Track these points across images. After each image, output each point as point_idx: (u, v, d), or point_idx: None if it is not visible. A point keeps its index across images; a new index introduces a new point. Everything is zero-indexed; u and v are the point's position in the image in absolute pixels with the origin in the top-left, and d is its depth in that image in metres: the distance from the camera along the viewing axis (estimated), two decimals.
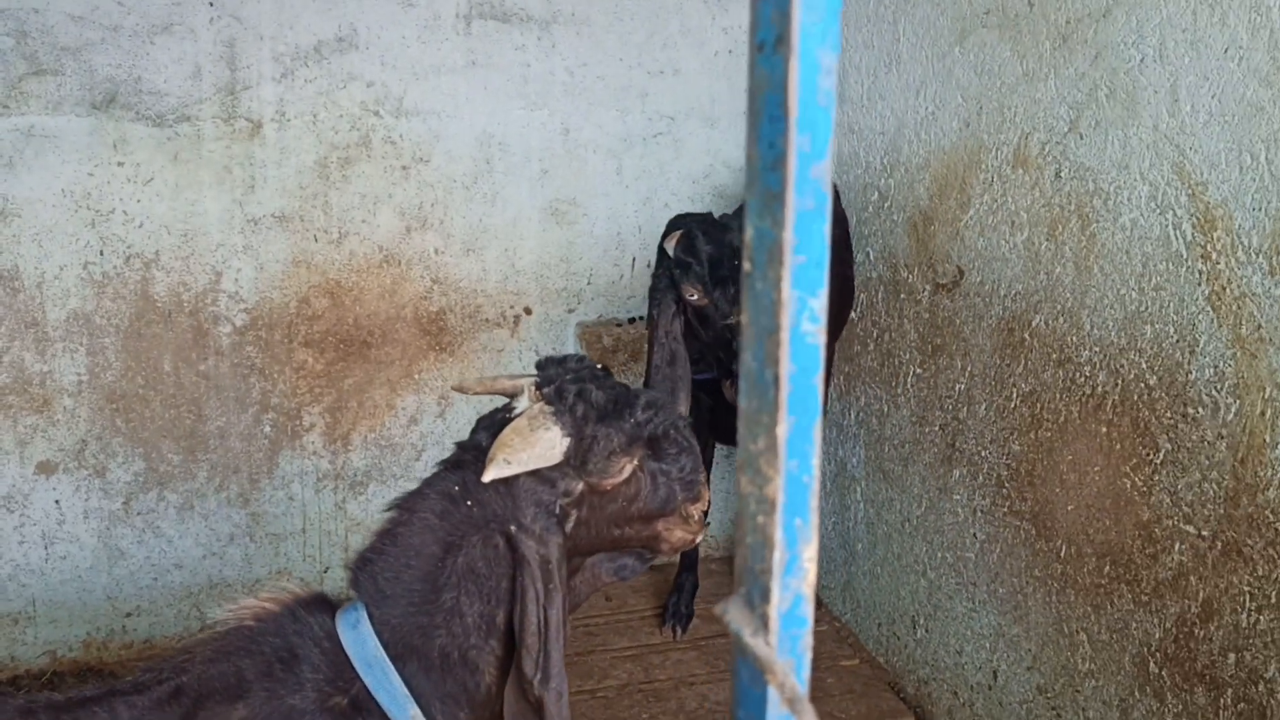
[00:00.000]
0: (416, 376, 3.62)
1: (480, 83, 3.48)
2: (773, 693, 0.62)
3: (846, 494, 3.56)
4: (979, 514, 2.91)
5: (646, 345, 2.95)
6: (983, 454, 2.88)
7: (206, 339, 3.39)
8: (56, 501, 3.34)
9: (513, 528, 1.68)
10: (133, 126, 3.19)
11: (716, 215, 2.96)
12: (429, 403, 3.65)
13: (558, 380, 1.76)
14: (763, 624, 0.60)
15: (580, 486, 1.73)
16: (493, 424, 1.77)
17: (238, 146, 3.29)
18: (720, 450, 3.95)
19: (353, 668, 1.66)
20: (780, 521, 0.59)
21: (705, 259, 2.72)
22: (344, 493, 3.64)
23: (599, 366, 1.84)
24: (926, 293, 3.10)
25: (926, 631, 3.18)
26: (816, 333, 0.61)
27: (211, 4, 3.19)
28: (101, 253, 3.24)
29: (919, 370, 3.16)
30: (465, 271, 3.58)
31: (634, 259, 3.77)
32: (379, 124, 3.41)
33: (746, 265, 0.59)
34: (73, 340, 3.26)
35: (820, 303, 0.61)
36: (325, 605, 1.76)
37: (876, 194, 3.33)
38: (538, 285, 3.68)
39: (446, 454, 3.69)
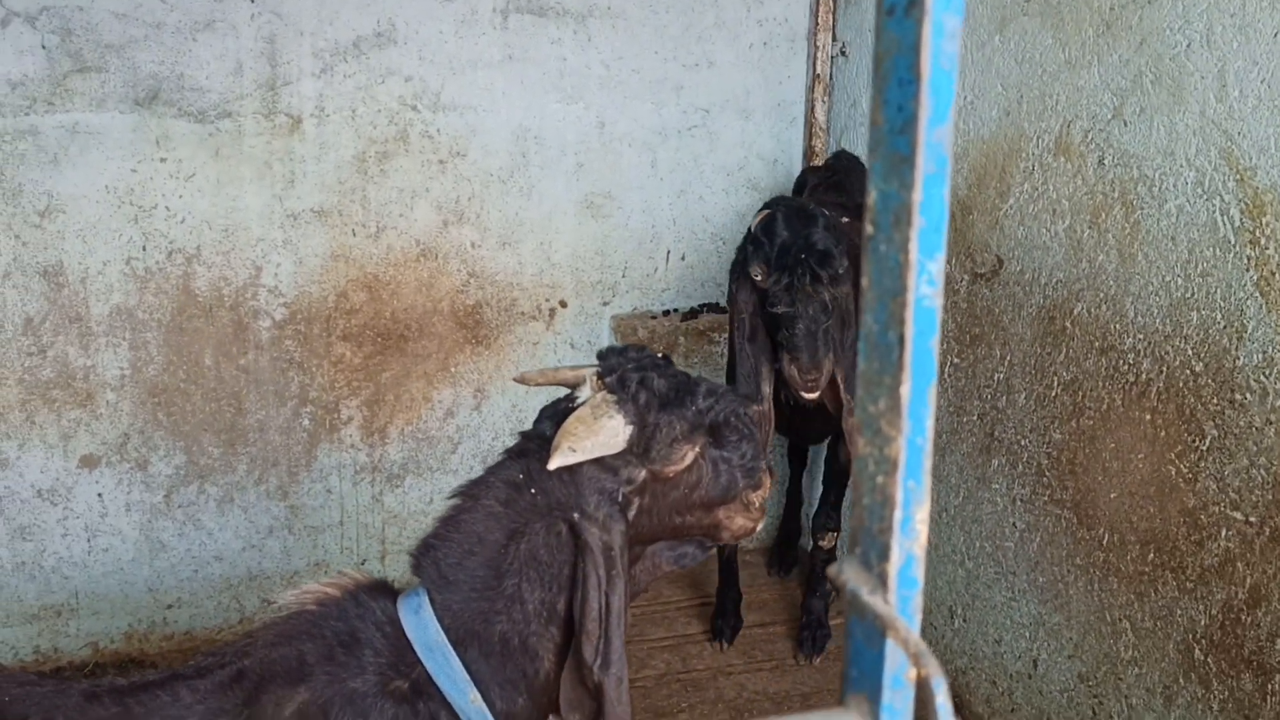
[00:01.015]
0: (453, 370, 3.64)
1: (517, 77, 3.49)
2: (890, 649, 0.63)
3: None
4: (1018, 503, 2.91)
5: (728, 322, 2.88)
6: (1022, 443, 2.88)
7: (246, 333, 3.41)
8: (99, 494, 3.38)
9: (576, 515, 1.70)
10: (175, 123, 3.22)
11: (806, 205, 2.87)
12: (465, 396, 3.67)
13: (619, 369, 1.78)
14: (881, 582, 0.61)
15: (643, 474, 1.74)
16: (556, 413, 1.79)
17: (278, 142, 3.31)
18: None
19: (414, 652, 1.68)
20: (900, 481, 0.60)
21: (777, 243, 2.70)
22: (381, 485, 3.67)
23: (660, 355, 1.85)
24: (965, 282, 3.10)
25: (964, 621, 3.18)
26: (934, 296, 0.62)
27: (253, 0, 3.21)
28: (144, 248, 3.27)
29: (956, 360, 3.15)
30: (501, 265, 3.60)
31: (668, 252, 3.78)
32: (416, 118, 3.43)
33: (869, 229, 0.60)
34: (116, 335, 3.29)
35: (938, 266, 0.62)
36: (387, 591, 1.78)
37: None
38: (573, 278, 3.70)
39: (482, 446, 3.72)
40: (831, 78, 3.71)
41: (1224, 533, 2.27)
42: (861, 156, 3.55)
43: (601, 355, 1.87)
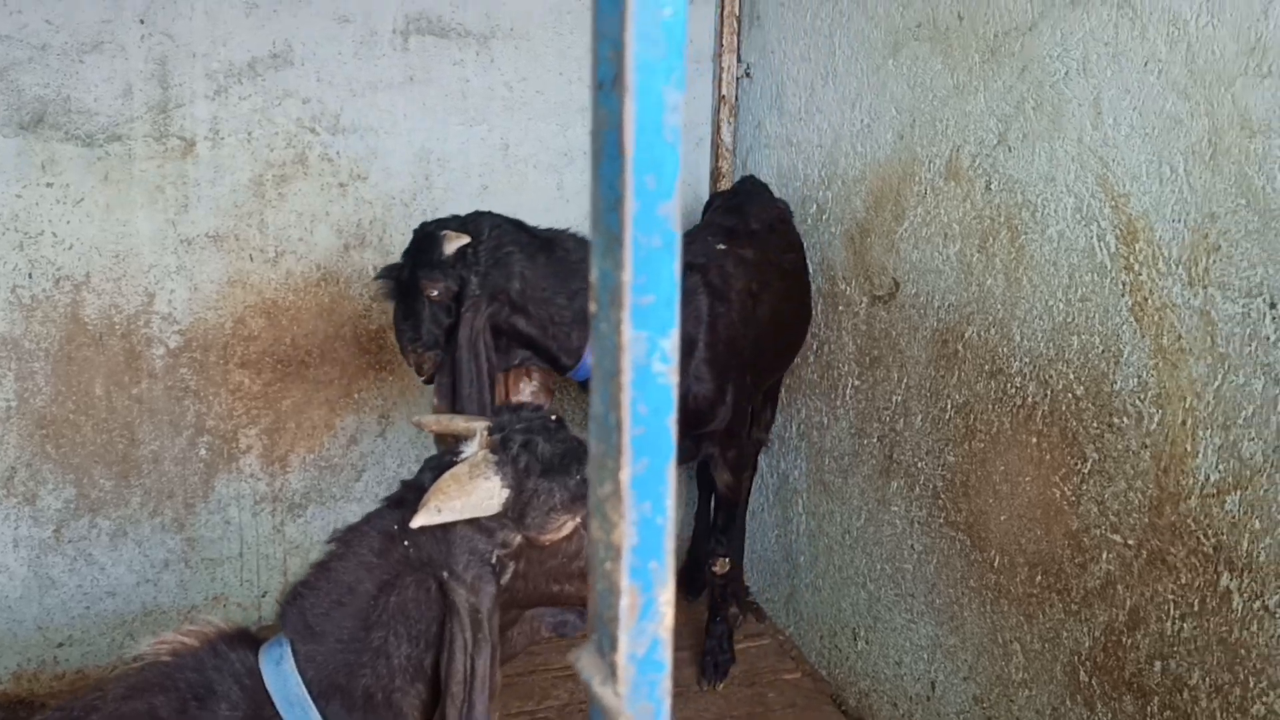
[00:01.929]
0: (356, 396, 3.58)
1: (418, 99, 3.45)
2: None
3: (789, 506, 3.57)
4: (916, 525, 2.92)
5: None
6: (919, 465, 2.90)
7: (139, 362, 3.33)
8: None
9: (445, 574, 1.66)
10: (62, 146, 3.14)
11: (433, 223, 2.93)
12: (369, 422, 3.62)
13: (507, 429, 1.74)
14: (612, 672, 0.59)
15: (518, 539, 1.70)
16: (438, 466, 1.76)
17: (170, 165, 3.24)
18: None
19: (273, 706, 1.63)
20: (627, 569, 0.58)
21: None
22: (282, 515, 3.59)
23: (554, 418, 1.81)
24: (864, 304, 3.11)
25: (867, 643, 3.19)
26: (668, 373, 0.60)
27: (143, 21, 3.14)
28: (30, 275, 3.18)
29: (857, 382, 3.17)
30: None
31: None
32: (315, 141, 3.38)
33: (593, 307, 0.58)
34: (1, 365, 3.19)
35: (671, 342, 0.60)
36: (249, 640, 1.73)
37: (815, 206, 3.34)
38: None
39: (387, 474, 3.66)
40: (737, 99, 3.71)
41: (1105, 555, 2.29)
42: (768, 179, 3.56)
43: (496, 411, 1.84)
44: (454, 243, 2.73)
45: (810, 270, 3.38)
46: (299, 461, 3.57)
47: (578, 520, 1.73)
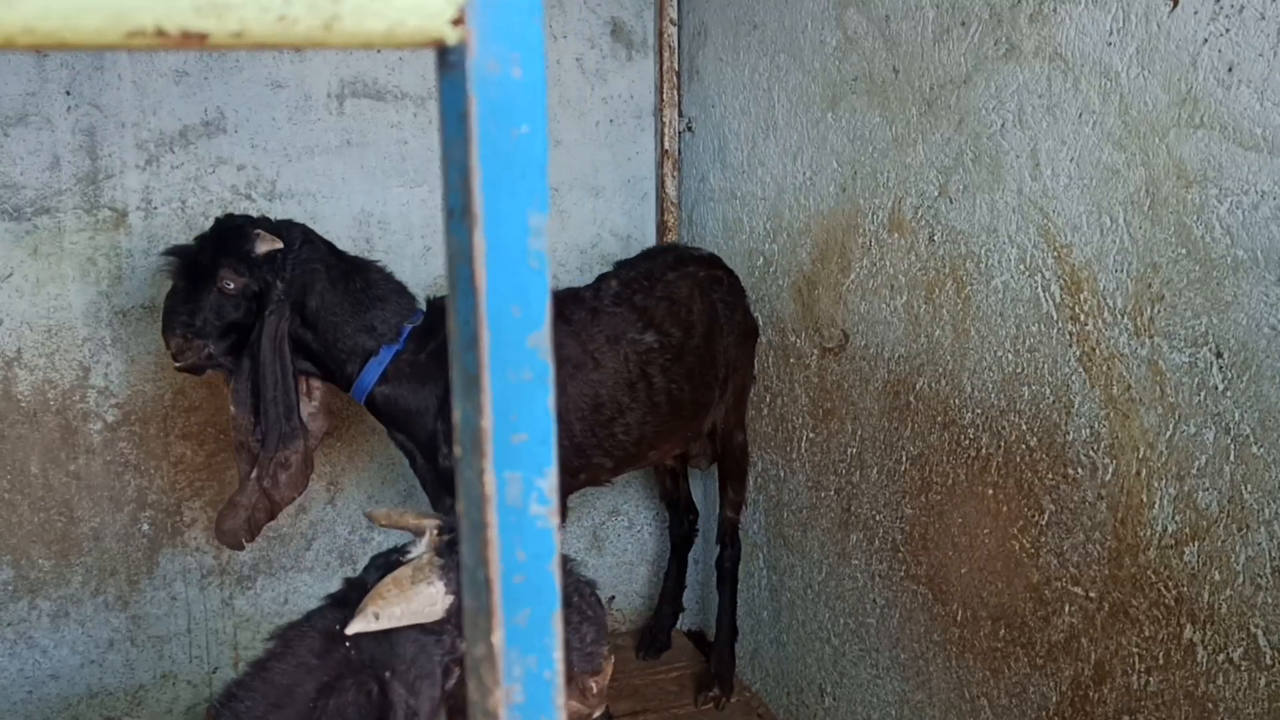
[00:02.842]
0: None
1: (356, 162, 3.40)
2: None
3: (749, 560, 3.51)
4: (877, 579, 2.87)
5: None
6: (877, 518, 2.85)
7: (76, 437, 3.23)
8: None
9: (387, 674, 1.59)
10: None
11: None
12: (317, 490, 3.53)
13: (457, 531, 1.67)
14: None
15: (464, 646, 1.63)
16: (385, 564, 1.69)
17: (102, 237, 3.16)
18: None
19: None
20: None
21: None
22: (231, 588, 3.49)
23: None
24: (815, 356, 3.08)
25: (834, 699, 3.12)
26: (548, 515, 0.55)
27: (69, 93, 3.08)
28: None
29: (812, 434, 3.13)
30: None
31: None
32: (252, 208, 3.31)
33: (457, 450, 0.53)
34: None
35: (549, 482, 0.55)
36: None
37: (761, 259, 3.31)
38: None
39: (338, 541, 3.57)
40: (680, 153, 3.69)
41: (1067, 608, 2.25)
42: (714, 231, 3.53)
43: (448, 510, 1.78)
44: (267, 244, 2.72)
45: (760, 322, 3.34)
46: None
47: None
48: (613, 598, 3.95)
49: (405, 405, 2.86)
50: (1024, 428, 2.33)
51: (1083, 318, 2.15)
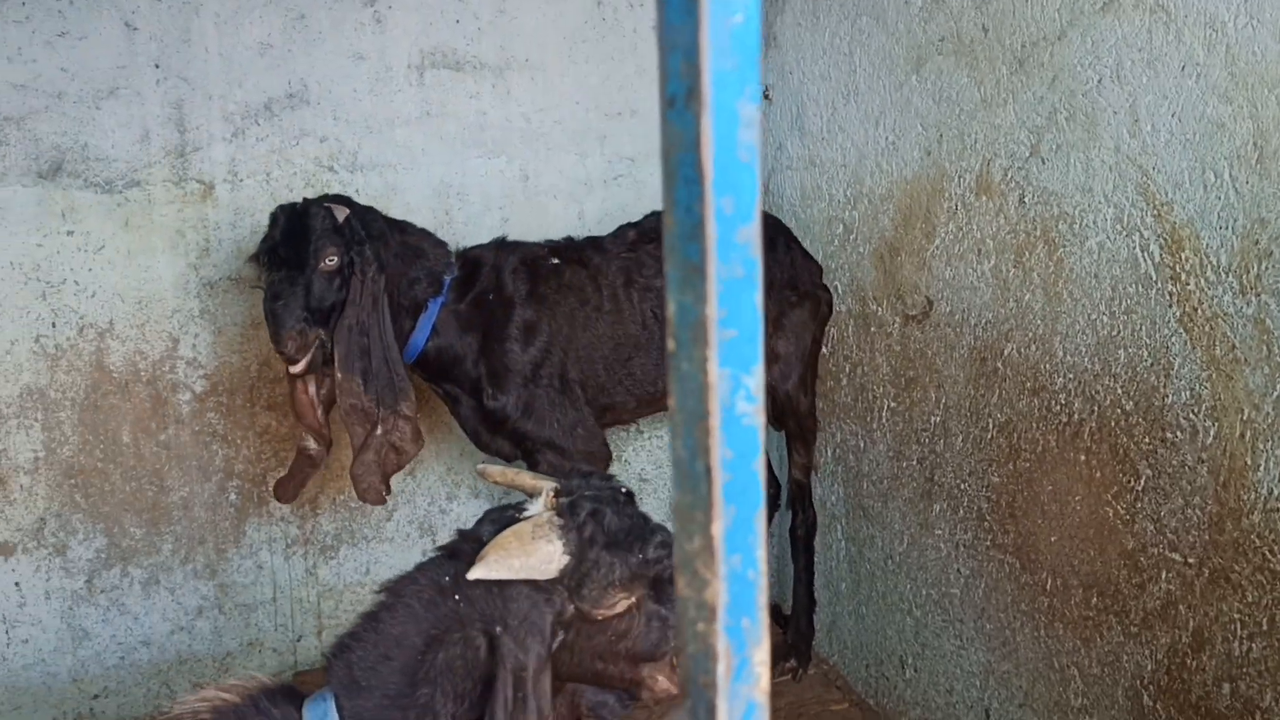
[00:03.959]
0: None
1: (436, 133, 3.43)
2: None
3: (828, 533, 3.49)
4: (962, 548, 2.85)
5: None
6: (962, 487, 2.83)
7: (166, 408, 3.30)
8: (15, 584, 3.23)
9: (498, 629, 1.61)
10: (81, 194, 3.12)
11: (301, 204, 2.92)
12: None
13: (576, 494, 1.69)
14: None
15: (571, 609, 1.64)
16: (500, 519, 1.70)
17: (190, 209, 3.22)
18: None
19: None
20: (723, 628, 0.53)
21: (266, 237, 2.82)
22: (314, 558, 3.55)
23: (624, 490, 1.75)
24: (897, 325, 3.05)
25: (915, 671, 3.10)
26: (754, 413, 0.55)
27: (158, 66, 3.13)
28: (54, 324, 3.16)
29: (893, 404, 3.10)
30: None
31: None
32: (334, 179, 3.35)
33: (670, 344, 0.53)
34: (27, 416, 3.17)
35: (756, 380, 0.55)
36: (292, 695, 1.68)
37: (841, 226, 3.29)
38: None
39: (418, 512, 3.61)
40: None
41: (1164, 575, 2.21)
42: (792, 200, 3.51)
43: (566, 474, 1.79)
44: (341, 212, 2.80)
45: (840, 290, 3.32)
46: (329, 503, 3.52)
47: (634, 599, 1.67)
48: None
49: (454, 353, 2.99)
50: (1119, 392, 2.29)
51: (1184, 277, 2.11)
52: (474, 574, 1.58)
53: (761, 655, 0.57)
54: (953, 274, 2.79)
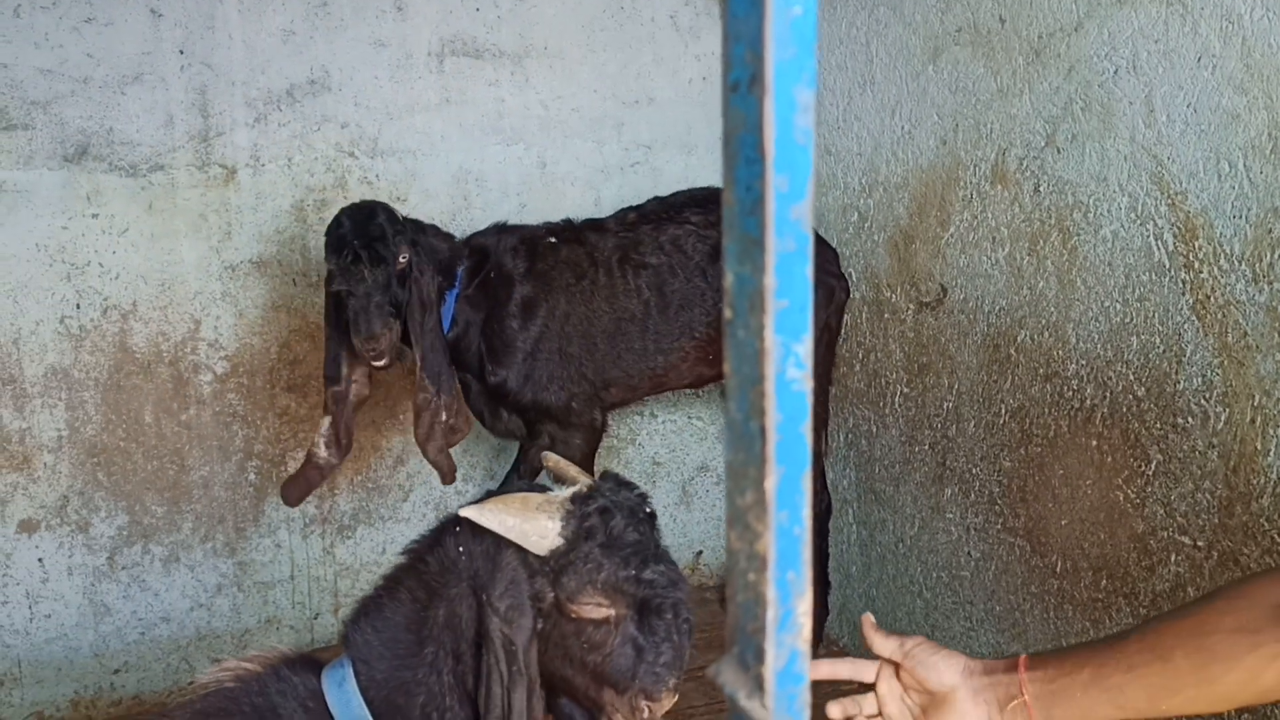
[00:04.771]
0: (401, 417, 3.58)
1: (455, 120, 3.47)
2: None
3: (839, 517, 3.54)
4: (973, 532, 2.89)
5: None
6: (974, 471, 2.87)
7: (187, 388, 3.35)
8: (39, 559, 3.29)
9: (485, 596, 1.60)
10: (106, 178, 3.17)
11: (369, 203, 3.01)
12: (415, 443, 3.61)
13: (599, 492, 1.67)
14: (758, 686, 0.58)
15: (550, 598, 1.61)
16: (525, 488, 1.71)
17: (213, 193, 3.26)
18: (700, 467, 3.93)
19: None
20: (773, 579, 0.57)
21: (337, 234, 2.87)
22: (332, 537, 3.60)
23: (649, 510, 1.71)
24: (910, 312, 3.09)
25: None
26: (803, 379, 0.59)
27: (182, 51, 3.17)
28: (78, 306, 3.21)
29: (906, 389, 3.14)
30: None
31: None
32: (354, 165, 3.39)
33: (728, 312, 0.57)
34: (51, 395, 3.22)
35: (805, 348, 0.59)
36: (312, 664, 1.71)
37: (856, 214, 3.32)
38: None
39: (434, 494, 3.65)
40: None
41: (1173, 558, 2.25)
42: None
43: (602, 475, 1.77)
44: (398, 212, 2.95)
45: (854, 278, 3.35)
46: (347, 483, 3.58)
47: (612, 613, 1.61)
48: (700, 553, 4.01)
49: (468, 340, 3.09)
50: (1131, 378, 2.33)
51: (1197, 265, 2.14)
52: (466, 512, 1.57)
53: (804, 606, 0.61)
54: (967, 262, 2.83)
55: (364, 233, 2.83)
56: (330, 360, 2.99)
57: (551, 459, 1.85)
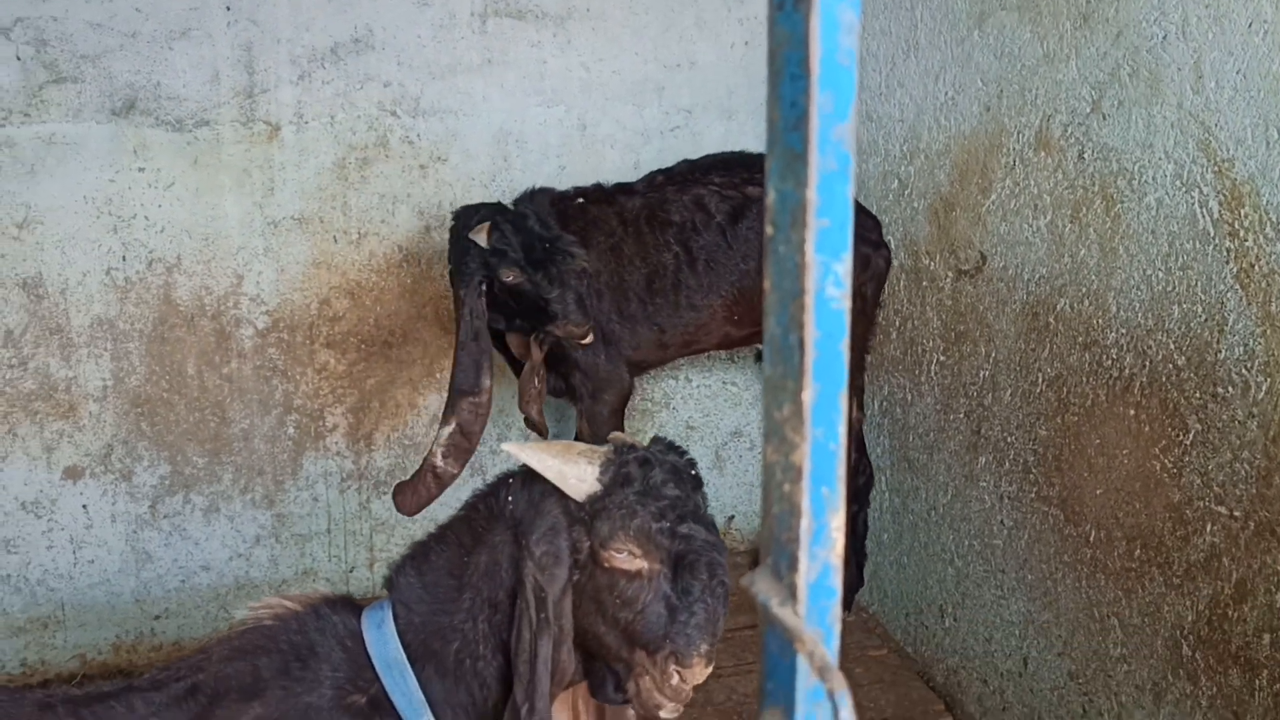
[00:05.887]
0: (438, 375, 3.62)
1: (496, 80, 3.48)
2: (802, 663, 0.61)
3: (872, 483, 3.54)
4: (1006, 500, 2.89)
5: (454, 323, 3.05)
6: (1009, 440, 2.86)
7: (229, 342, 3.40)
8: (84, 506, 3.36)
9: (524, 541, 1.63)
10: (152, 132, 3.21)
11: (515, 210, 3.09)
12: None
13: (646, 448, 1.69)
14: (790, 593, 0.59)
15: (586, 546, 1.63)
16: (582, 449, 1.72)
17: (256, 150, 3.30)
18: (742, 440, 3.94)
19: (373, 668, 1.65)
20: (807, 489, 0.58)
21: (519, 246, 2.94)
22: (368, 492, 3.65)
23: (693, 471, 1.72)
24: (949, 279, 3.07)
25: (955, 620, 3.15)
26: (841, 298, 0.60)
27: (229, 8, 3.20)
28: (124, 258, 3.26)
29: (942, 358, 3.13)
30: None
31: None
32: (396, 124, 3.41)
33: (769, 229, 0.58)
34: (97, 346, 3.28)
35: (845, 267, 0.60)
36: (351, 605, 1.75)
37: (896, 181, 3.30)
38: None
39: None
40: None
41: (1209, 527, 2.24)
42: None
43: (654, 440, 1.78)
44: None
45: (892, 245, 3.34)
46: (383, 440, 3.62)
47: (645, 565, 1.61)
48: (731, 518, 4.02)
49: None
50: (1172, 347, 2.31)
51: (1242, 233, 2.12)
52: (507, 447, 1.62)
53: (838, 522, 0.62)
54: (1008, 229, 2.81)
55: (534, 234, 2.96)
56: (467, 368, 2.92)
57: (617, 436, 1.85)
